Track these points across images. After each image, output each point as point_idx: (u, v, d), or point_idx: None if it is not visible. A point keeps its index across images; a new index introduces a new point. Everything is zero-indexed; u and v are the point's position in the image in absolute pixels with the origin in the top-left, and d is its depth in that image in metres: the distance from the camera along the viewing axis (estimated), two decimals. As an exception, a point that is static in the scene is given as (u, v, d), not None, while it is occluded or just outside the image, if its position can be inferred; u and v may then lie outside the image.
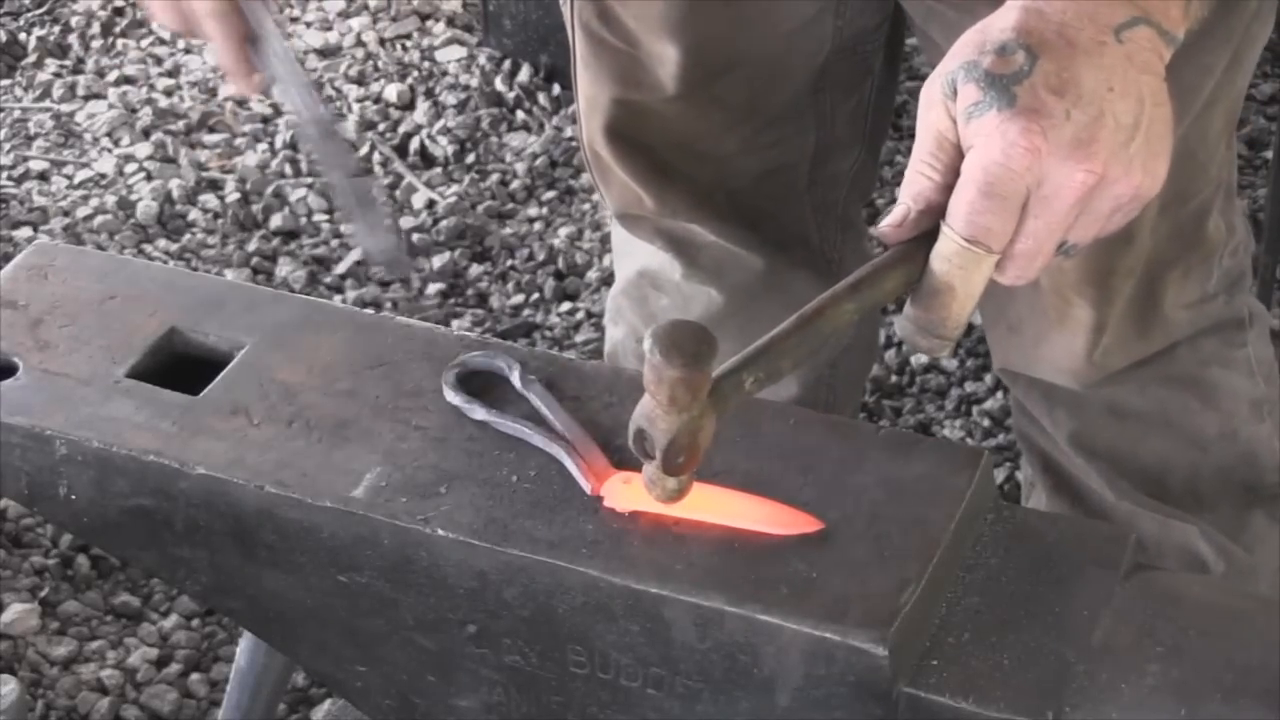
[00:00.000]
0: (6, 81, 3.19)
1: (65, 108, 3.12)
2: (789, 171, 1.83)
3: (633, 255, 1.93)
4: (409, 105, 3.08)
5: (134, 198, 2.90)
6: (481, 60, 3.17)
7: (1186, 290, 1.76)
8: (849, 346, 1.98)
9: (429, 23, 3.29)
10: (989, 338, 1.91)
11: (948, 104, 1.18)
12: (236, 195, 2.90)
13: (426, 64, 3.19)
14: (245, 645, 1.55)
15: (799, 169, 1.83)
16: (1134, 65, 1.17)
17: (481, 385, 1.35)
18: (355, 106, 3.09)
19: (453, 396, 1.34)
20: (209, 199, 2.90)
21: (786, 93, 1.77)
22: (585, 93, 1.81)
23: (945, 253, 1.19)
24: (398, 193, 2.91)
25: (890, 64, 1.84)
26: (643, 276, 1.92)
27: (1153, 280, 1.74)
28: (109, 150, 3.01)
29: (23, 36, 3.27)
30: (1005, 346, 1.85)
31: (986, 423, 2.53)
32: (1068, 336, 1.75)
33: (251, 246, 2.81)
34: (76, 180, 2.96)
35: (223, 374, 1.38)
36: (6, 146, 3.03)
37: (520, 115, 3.07)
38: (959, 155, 1.19)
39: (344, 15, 3.32)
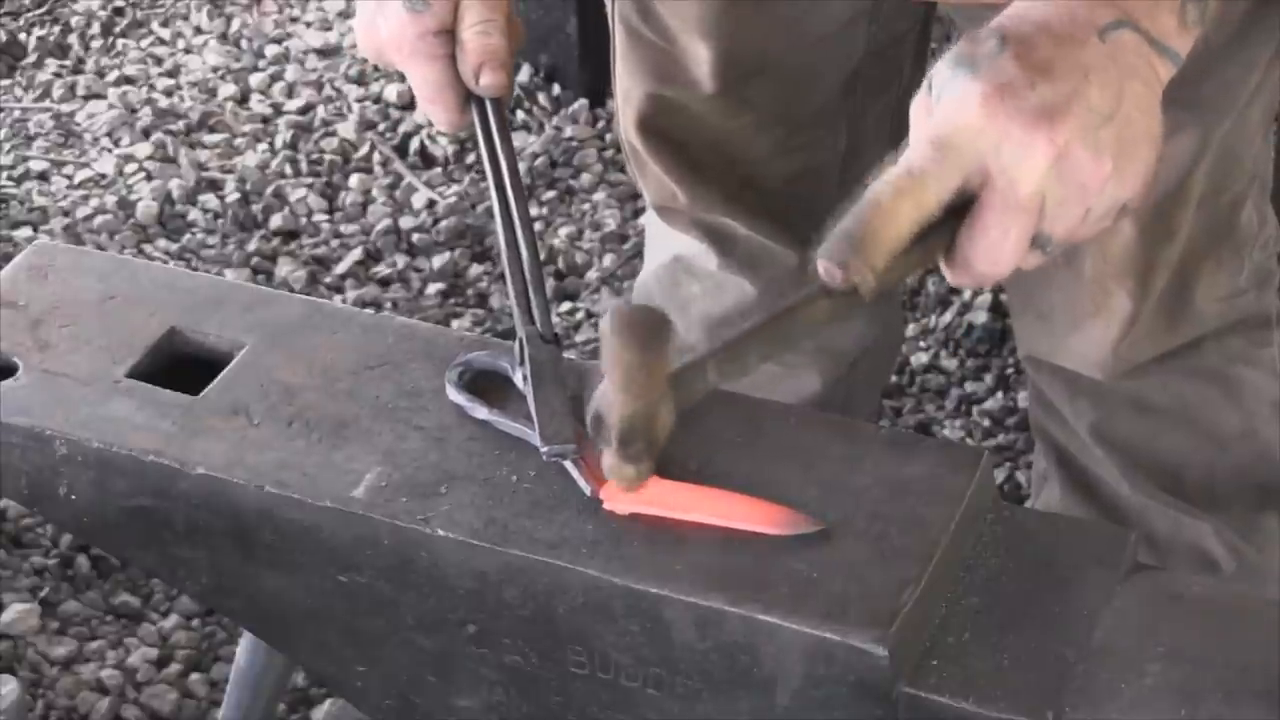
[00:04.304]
0: (6, 81, 3.19)
1: (65, 108, 3.12)
2: (820, 172, 1.83)
3: (667, 242, 1.94)
4: (409, 105, 3.07)
5: (134, 198, 2.90)
6: (481, 60, 3.17)
7: (1218, 283, 1.77)
8: (869, 349, 1.98)
9: (429, 23, 3.29)
10: (1015, 325, 1.92)
11: (927, 101, 1.18)
12: (236, 195, 2.89)
13: (427, 64, 3.19)
14: (245, 645, 1.55)
15: (829, 170, 1.84)
16: (1116, 64, 1.16)
17: (483, 385, 1.35)
18: (355, 106, 3.09)
19: (455, 395, 1.34)
20: (209, 199, 2.90)
21: (819, 97, 1.77)
22: (622, 86, 1.82)
23: (883, 173, 1.16)
24: (398, 193, 2.91)
25: (918, 63, 1.84)
26: (677, 262, 1.93)
27: (1186, 271, 1.74)
28: (109, 150, 3.01)
29: (23, 36, 3.27)
30: (1033, 333, 1.86)
31: (986, 423, 2.53)
32: (1101, 326, 1.76)
33: (251, 246, 2.81)
34: (76, 180, 2.96)
35: (223, 374, 1.38)
36: (6, 146, 3.03)
37: (520, 115, 3.07)
38: None
39: (344, 15, 3.31)
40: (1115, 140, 1.15)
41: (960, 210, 1.17)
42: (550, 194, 2.93)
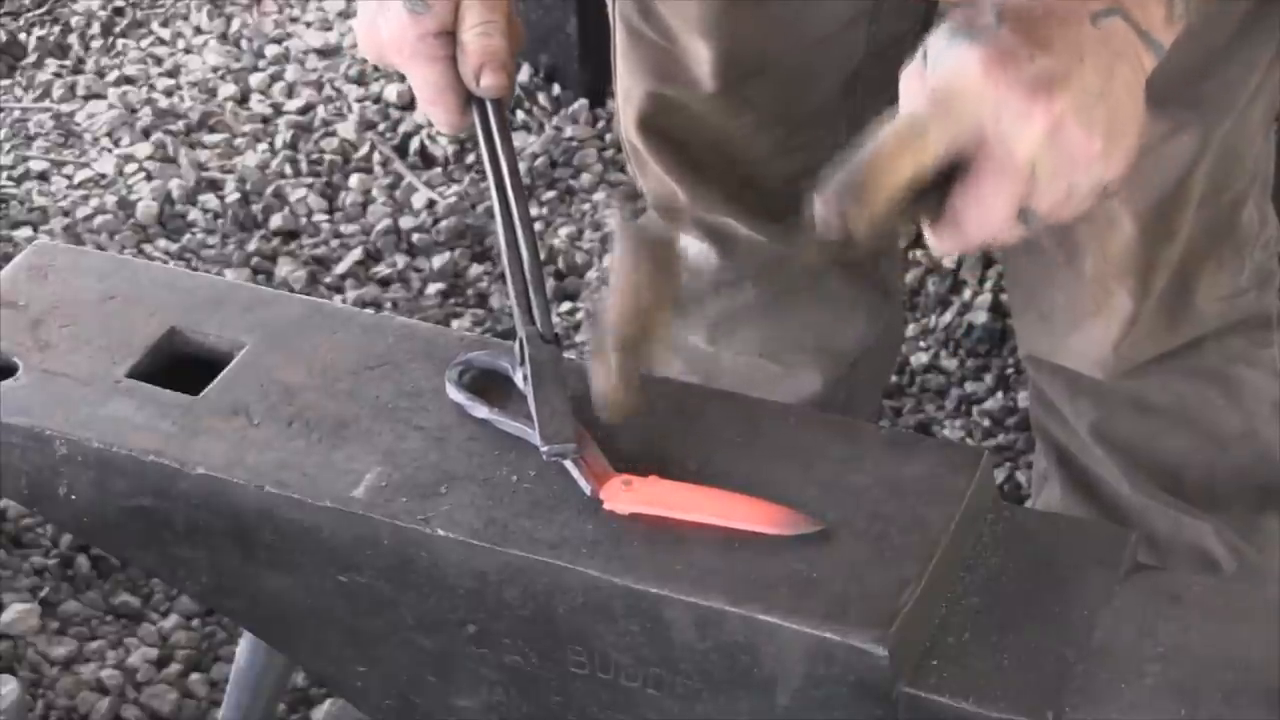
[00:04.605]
0: (6, 81, 3.19)
1: (65, 108, 3.12)
2: (820, 172, 1.84)
3: None
4: (409, 105, 3.08)
5: (134, 198, 2.90)
6: (481, 60, 3.16)
7: (1219, 282, 1.77)
8: (870, 348, 1.98)
9: (429, 23, 3.29)
10: (1016, 324, 1.92)
11: (920, 70, 1.18)
12: (236, 195, 2.90)
13: (427, 64, 3.19)
14: (245, 645, 1.55)
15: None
16: (1108, 48, 1.17)
17: (484, 384, 1.35)
18: (355, 106, 3.09)
19: (455, 394, 1.34)
20: (209, 199, 2.90)
21: (819, 97, 1.78)
22: (622, 85, 1.83)
23: (883, 125, 1.18)
24: (398, 193, 2.91)
25: None
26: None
27: (1187, 271, 1.74)
28: (109, 150, 3.01)
29: (23, 36, 3.27)
30: (1034, 333, 1.86)
31: (986, 423, 2.53)
32: (1101, 326, 1.76)
33: (251, 246, 2.81)
34: (76, 180, 2.96)
35: (223, 374, 1.38)
36: (6, 146, 3.03)
37: (520, 115, 3.07)
38: None
39: (344, 15, 3.32)
40: (1105, 120, 1.16)
41: (949, 178, 1.18)
42: (550, 194, 2.93)
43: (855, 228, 1.16)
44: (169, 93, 3.15)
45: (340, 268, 2.78)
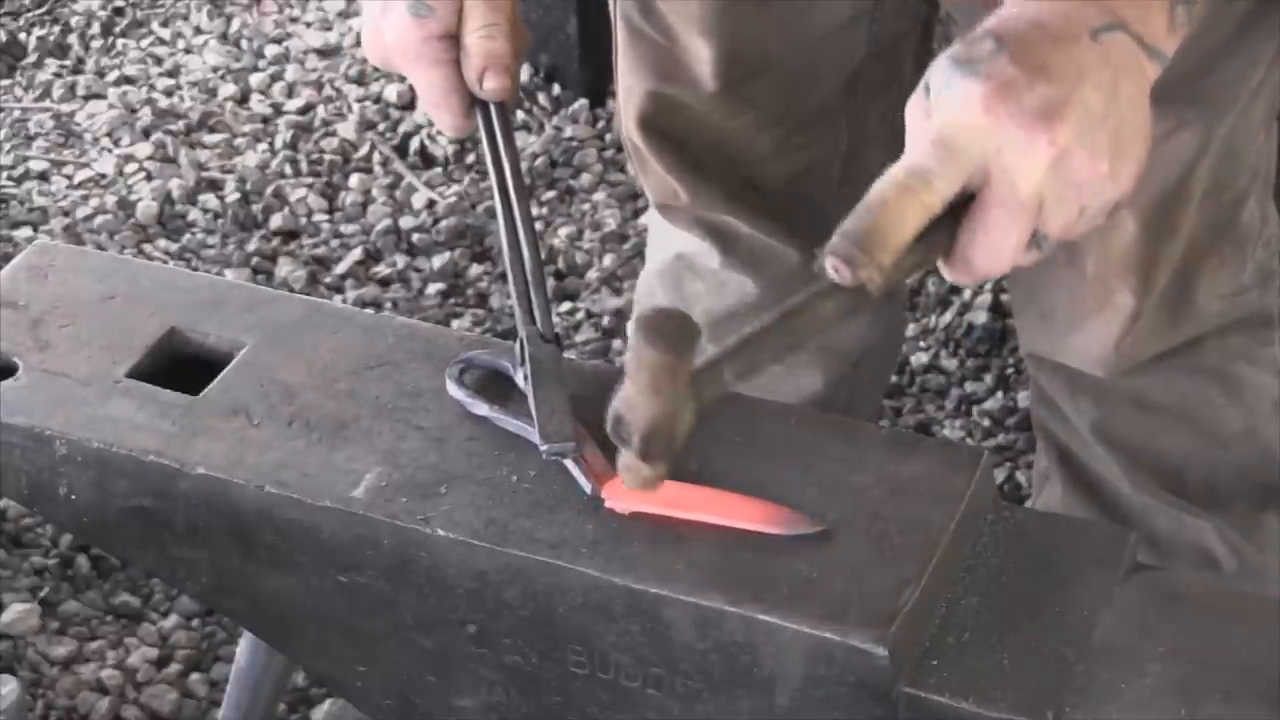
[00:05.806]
0: (6, 81, 3.19)
1: (65, 108, 3.12)
2: (821, 172, 1.84)
3: (670, 240, 1.94)
4: (409, 105, 3.08)
5: (134, 198, 2.90)
6: (481, 60, 3.16)
7: (1221, 280, 1.77)
8: (872, 347, 1.98)
9: (429, 23, 3.29)
10: (1017, 323, 1.92)
11: (924, 103, 1.18)
12: (236, 195, 2.89)
13: (426, 64, 3.18)
14: (245, 645, 1.55)
15: (831, 169, 1.84)
16: (1110, 65, 1.16)
17: (484, 383, 1.35)
18: (355, 106, 3.08)
19: (456, 391, 1.34)
20: (209, 199, 2.90)
21: (820, 96, 1.78)
22: (623, 83, 1.83)
23: (888, 172, 1.17)
24: (398, 193, 2.91)
25: (919, 63, 1.85)
26: (680, 260, 1.94)
27: (1188, 269, 1.74)
28: (109, 150, 3.01)
29: (23, 36, 3.27)
30: (1034, 331, 1.86)
31: (986, 423, 2.53)
32: (1103, 324, 1.76)
33: (251, 246, 2.81)
34: (76, 180, 2.96)
35: (223, 374, 1.38)
36: (6, 146, 3.03)
37: (520, 115, 3.07)
38: None
39: (344, 15, 3.32)
40: (1111, 140, 1.16)
41: (959, 209, 1.17)
42: (550, 194, 2.93)
43: (869, 279, 1.15)
44: (169, 93, 3.15)
45: (340, 268, 2.78)
